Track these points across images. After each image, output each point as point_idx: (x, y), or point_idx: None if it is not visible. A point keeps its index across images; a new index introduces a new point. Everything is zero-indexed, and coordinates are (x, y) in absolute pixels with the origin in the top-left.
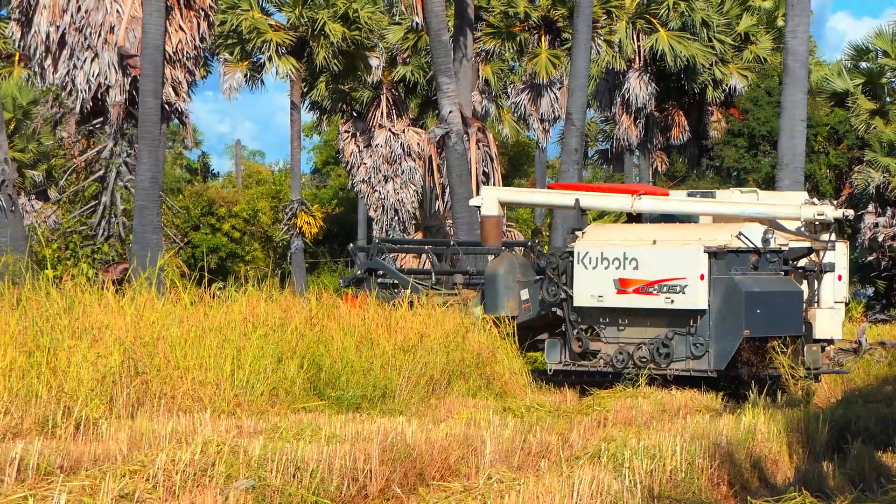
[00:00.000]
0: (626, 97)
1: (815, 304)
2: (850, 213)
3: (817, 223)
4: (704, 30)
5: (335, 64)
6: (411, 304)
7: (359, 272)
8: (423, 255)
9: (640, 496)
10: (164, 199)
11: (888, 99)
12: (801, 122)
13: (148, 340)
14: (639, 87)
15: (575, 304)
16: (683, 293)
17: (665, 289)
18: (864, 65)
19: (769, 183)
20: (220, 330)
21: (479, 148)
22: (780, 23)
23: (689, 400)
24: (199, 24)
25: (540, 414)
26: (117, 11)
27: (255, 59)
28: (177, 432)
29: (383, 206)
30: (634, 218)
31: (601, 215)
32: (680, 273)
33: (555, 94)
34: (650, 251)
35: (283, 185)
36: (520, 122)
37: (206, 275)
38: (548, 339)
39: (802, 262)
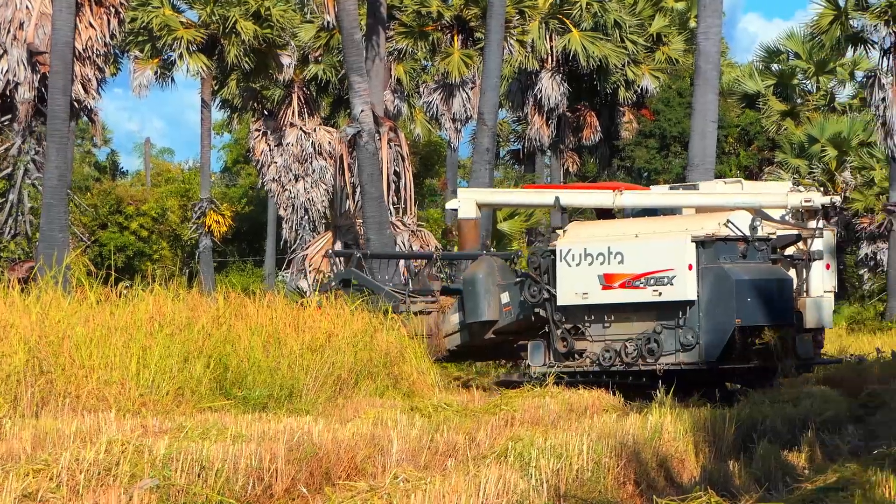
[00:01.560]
0: (539, 97)
1: (805, 293)
2: (838, 199)
3: (804, 210)
4: (617, 30)
5: (246, 62)
6: (386, 312)
7: (333, 284)
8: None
9: (546, 495)
10: (71, 198)
11: (799, 100)
12: (712, 124)
13: (53, 339)
14: (551, 88)
15: (559, 304)
16: (671, 284)
17: (652, 281)
18: (775, 66)
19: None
20: (126, 329)
21: (390, 147)
22: (692, 24)
23: (596, 399)
24: (109, 21)
25: (447, 413)
26: (27, 7)
27: (165, 57)
28: (81, 431)
29: (293, 206)
30: (604, 214)
31: (521, 215)
32: (667, 264)
33: (467, 93)
34: (636, 244)
35: (192, 183)
36: (432, 122)
37: (113, 273)
38: (531, 342)
39: (790, 251)
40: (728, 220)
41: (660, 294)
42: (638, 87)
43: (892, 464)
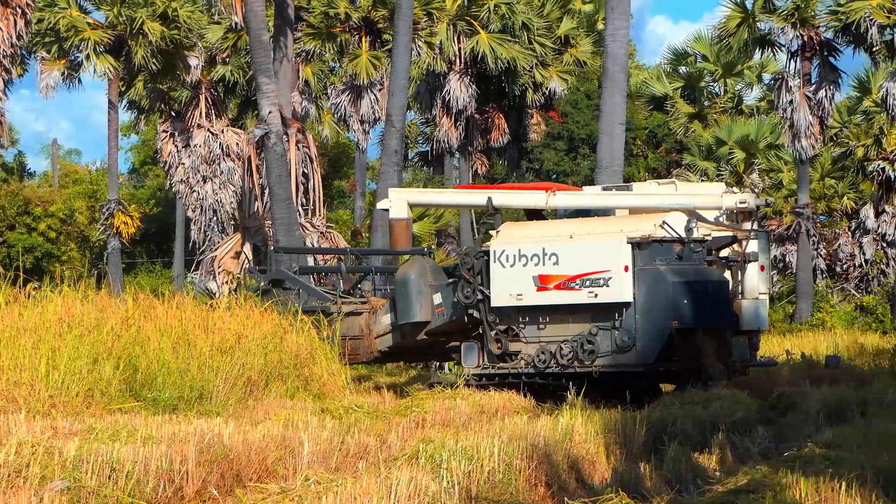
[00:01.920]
0: (447, 99)
1: (740, 295)
2: (773, 200)
3: (738, 212)
4: (525, 32)
5: (154, 63)
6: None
7: (263, 283)
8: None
9: (457, 497)
10: None
11: (706, 103)
12: (620, 126)
13: None
14: (459, 90)
15: (493, 305)
16: (607, 286)
17: (588, 283)
18: (682, 69)
19: (588, 186)
20: (34, 330)
21: (298, 149)
22: (600, 26)
23: (507, 401)
24: (15, 22)
25: (358, 415)
26: None
27: (72, 58)
28: None
29: (202, 207)
30: (534, 215)
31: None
32: (603, 266)
33: (375, 95)
34: (570, 245)
35: (100, 184)
36: (340, 124)
37: (22, 275)
38: (464, 343)
39: (725, 252)
40: (664, 222)
41: (595, 296)
42: (546, 89)
43: (802, 465)
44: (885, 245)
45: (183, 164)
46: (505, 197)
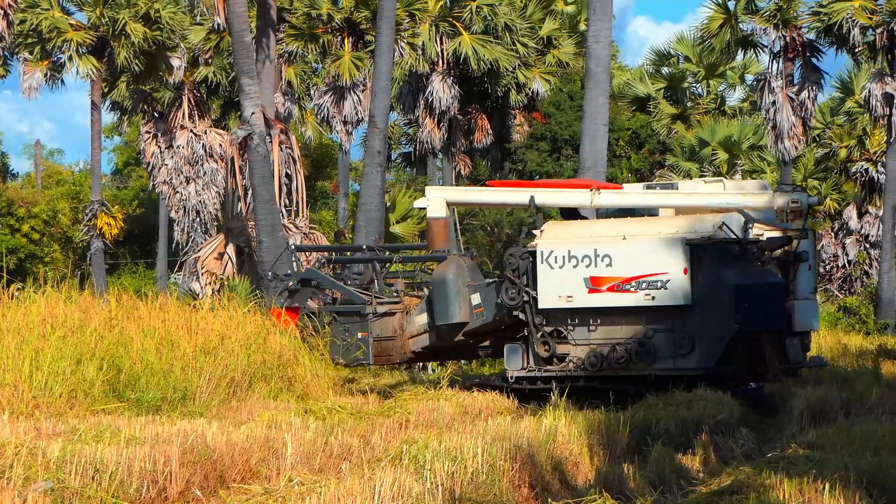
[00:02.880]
0: (430, 100)
1: (792, 296)
2: (822, 198)
3: (789, 211)
4: (508, 33)
5: (136, 64)
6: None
7: (291, 283)
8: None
9: (441, 498)
10: None
11: (689, 104)
12: (603, 127)
13: None
14: (442, 90)
15: (540, 307)
16: (665, 288)
17: (644, 285)
18: (665, 70)
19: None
20: (18, 331)
21: (281, 150)
22: (582, 27)
23: (490, 402)
24: None
25: (342, 416)
26: None
27: (55, 59)
28: None
29: (185, 208)
30: (569, 214)
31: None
32: (660, 268)
33: (358, 96)
34: (624, 246)
35: (83, 185)
36: (323, 125)
37: (5, 276)
38: (507, 345)
39: (777, 253)
40: (723, 223)
41: (653, 298)
42: (529, 90)
43: (785, 466)
44: (868, 246)
45: (166, 164)
46: (547, 196)
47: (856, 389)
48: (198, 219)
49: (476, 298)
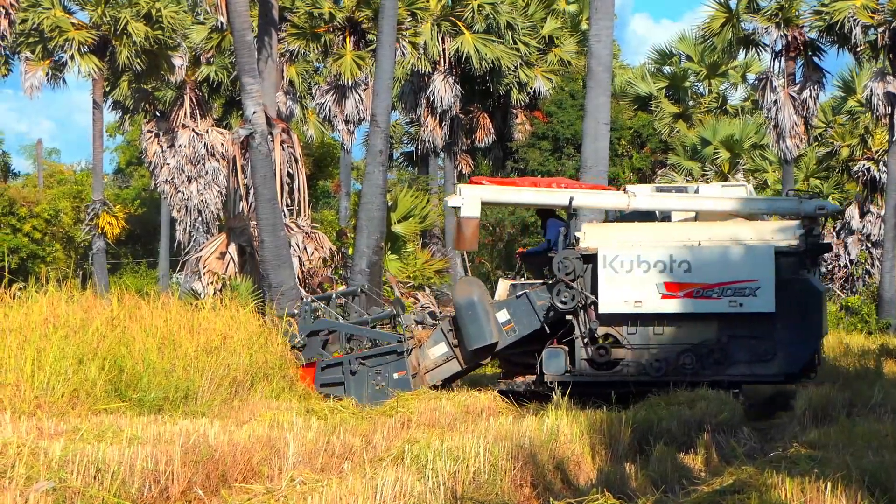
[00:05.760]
0: (431, 99)
1: None
2: (841, 206)
3: (814, 217)
4: (509, 32)
5: (138, 63)
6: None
7: (298, 340)
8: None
9: (443, 498)
10: None
11: (691, 103)
12: (605, 126)
13: None
14: (444, 90)
15: (602, 311)
16: (755, 296)
17: (730, 291)
18: (667, 69)
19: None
20: (20, 331)
21: (283, 149)
22: (584, 26)
23: (492, 402)
24: None
25: (343, 416)
26: None
27: (56, 58)
28: None
29: (187, 207)
30: (545, 213)
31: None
32: (750, 275)
33: (360, 95)
34: (706, 253)
35: (84, 185)
36: (325, 124)
37: (7, 275)
38: (547, 349)
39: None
40: (800, 230)
41: (740, 305)
42: (531, 89)
43: (787, 466)
44: (869, 245)
45: (168, 164)
46: (584, 197)
47: (858, 389)
48: (199, 218)
49: (503, 315)
